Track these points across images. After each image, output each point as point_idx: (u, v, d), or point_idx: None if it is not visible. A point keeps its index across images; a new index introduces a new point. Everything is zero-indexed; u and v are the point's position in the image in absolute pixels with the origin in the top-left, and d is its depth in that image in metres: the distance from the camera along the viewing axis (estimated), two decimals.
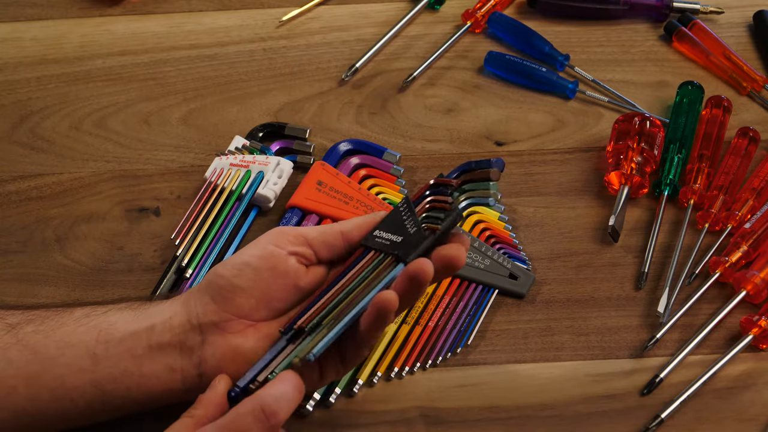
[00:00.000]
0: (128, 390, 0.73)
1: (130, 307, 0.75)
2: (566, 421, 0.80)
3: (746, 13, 1.09)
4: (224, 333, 0.73)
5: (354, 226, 0.77)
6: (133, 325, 0.74)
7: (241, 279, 0.73)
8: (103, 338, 0.73)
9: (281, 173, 0.94)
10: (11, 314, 0.75)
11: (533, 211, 0.93)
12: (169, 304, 0.75)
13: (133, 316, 0.74)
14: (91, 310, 0.75)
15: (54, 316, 0.75)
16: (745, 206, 0.91)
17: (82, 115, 1.01)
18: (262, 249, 0.75)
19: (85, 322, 0.74)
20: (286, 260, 0.74)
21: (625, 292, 0.88)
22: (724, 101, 0.98)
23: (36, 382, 0.72)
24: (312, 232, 0.76)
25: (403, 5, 1.10)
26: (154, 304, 0.75)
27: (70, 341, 0.73)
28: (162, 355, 0.73)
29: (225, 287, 0.74)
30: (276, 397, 0.68)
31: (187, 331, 0.73)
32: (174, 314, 0.74)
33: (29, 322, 0.74)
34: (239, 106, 1.01)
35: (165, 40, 1.07)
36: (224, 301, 0.73)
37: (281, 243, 0.75)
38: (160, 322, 0.74)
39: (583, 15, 1.08)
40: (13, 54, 1.06)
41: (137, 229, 0.92)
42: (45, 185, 0.96)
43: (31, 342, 0.73)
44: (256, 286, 0.74)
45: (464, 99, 1.02)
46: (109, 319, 0.74)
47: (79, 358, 0.72)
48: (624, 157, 0.93)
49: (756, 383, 0.82)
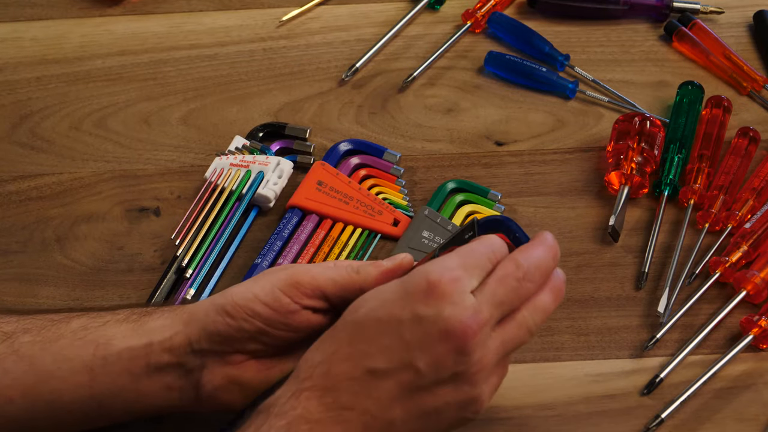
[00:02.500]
0: (126, 403, 0.73)
1: (128, 318, 0.74)
2: (566, 421, 0.80)
3: (746, 13, 1.09)
4: (225, 364, 0.72)
5: (374, 280, 0.72)
6: (132, 340, 0.72)
7: (250, 325, 0.71)
8: (101, 353, 0.72)
9: (281, 173, 0.94)
10: (6, 322, 0.74)
11: (533, 211, 0.93)
12: (169, 321, 0.73)
13: (131, 330, 0.73)
14: (89, 321, 0.73)
15: (50, 326, 0.73)
16: (745, 206, 0.91)
17: (82, 115, 1.01)
18: (275, 299, 0.71)
19: (82, 335, 0.72)
20: (299, 314, 0.72)
21: (625, 292, 0.88)
22: (724, 101, 0.98)
23: (32, 394, 0.71)
24: (331, 287, 0.72)
25: (403, 5, 1.10)
26: (154, 318, 0.73)
27: (66, 355, 0.72)
28: (160, 375, 0.72)
29: (232, 327, 0.71)
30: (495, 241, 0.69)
31: (188, 354, 0.72)
32: (175, 334, 0.72)
33: (25, 332, 0.73)
34: (239, 106, 1.01)
35: (165, 40, 1.07)
36: (229, 340, 0.72)
37: (297, 297, 0.72)
38: (159, 341, 0.72)
39: (583, 15, 1.08)
40: (13, 54, 1.06)
41: (137, 229, 0.92)
42: (45, 185, 0.96)
43: (27, 353, 0.72)
44: (263, 333, 0.72)
45: (464, 99, 1.02)
46: (107, 333, 0.72)
47: (76, 372, 0.71)
48: (624, 157, 0.93)
49: (756, 383, 0.82)
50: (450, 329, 0.64)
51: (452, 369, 0.65)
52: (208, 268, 0.89)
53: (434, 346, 0.64)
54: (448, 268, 0.65)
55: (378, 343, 0.65)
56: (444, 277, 0.65)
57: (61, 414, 0.72)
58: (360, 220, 0.91)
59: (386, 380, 0.65)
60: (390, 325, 0.65)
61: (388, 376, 0.65)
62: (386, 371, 0.65)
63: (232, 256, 0.90)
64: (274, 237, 0.90)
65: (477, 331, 0.65)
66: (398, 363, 0.65)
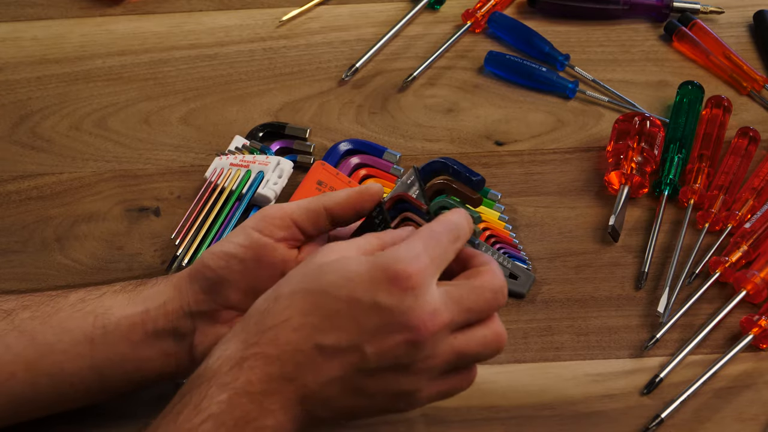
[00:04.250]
0: (126, 373, 0.74)
1: (124, 289, 0.75)
2: (566, 421, 0.80)
3: (746, 13, 1.09)
4: (214, 323, 0.74)
5: (335, 203, 0.74)
6: (129, 309, 0.74)
7: (228, 271, 0.73)
8: (100, 323, 0.73)
9: (281, 173, 0.94)
10: (5, 300, 0.75)
11: (533, 210, 0.93)
12: (162, 287, 0.75)
13: (127, 299, 0.74)
14: (86, 294, 0.75)
15: (49, 301, 0.75)
16: (745, 206, 0.91)
17: (82, 115, 1.01)
18: (248, 238, 0.73)
19: (80, 307, 0.74)
20: (274, 250, 0.73)
21: (625, 292, 0.88)
22: (724, 101, 0.98)
23: (35, 368, 0.72)
24: (297, 210, 0.74)
25: (403, 5, 1.10)
26: (148, 286, 0.75)
27: (67, 327, 0.73)
28: (158, 341, 0.74)
29: (212, 278, 0.73)
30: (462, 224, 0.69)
31: (180, 318, 0.74)
32: (168, 300, 0.74)
33: (24, 308, 0.74)
34: (239, 106, 1.01)
35: (165, 40, 1.07)
36: (212, 292, 0.73)
37: (268, 230, 0.73)
38: (155, 307, 0.74)
39: (583, 15, 1.08)
40: (13, 54, 1.06)
41: (137, 229, 0.92)
42: (45, 185, 0.96)
43: (27, 328, 0.73)
44: (242, 278, 0.73)
45: (464, 99, 1.02)
46: (105, 304, 0.74)
47: (77, 343, 0.73)
48: (624, 157, 0.93)
49: (756, 383, 0.82)
50: (406, 321, 0.64)
51: (399, 359, 0.65)
52: None
53: (388, 335, 0.65)
54: (415, 259, 0.65)
55: (332, 321, 0.65)
56: (410, 267, 0.65)
57: (63, 387, 0.73)
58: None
59: (332, 358, 0.65)
60: (348, 306, 0.65)
61: (336, 355, 0.65)
62: (334, 349, 0.65)
63: None
64: None
65: (433, 328, 0.65)
66: (347, 344, 0.65)
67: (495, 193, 0.93)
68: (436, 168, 0.84)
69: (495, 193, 0.93)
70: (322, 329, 0.65)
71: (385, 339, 0.65)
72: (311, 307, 0.65)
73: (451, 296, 0.66)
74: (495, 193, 0.93)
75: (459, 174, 0.84)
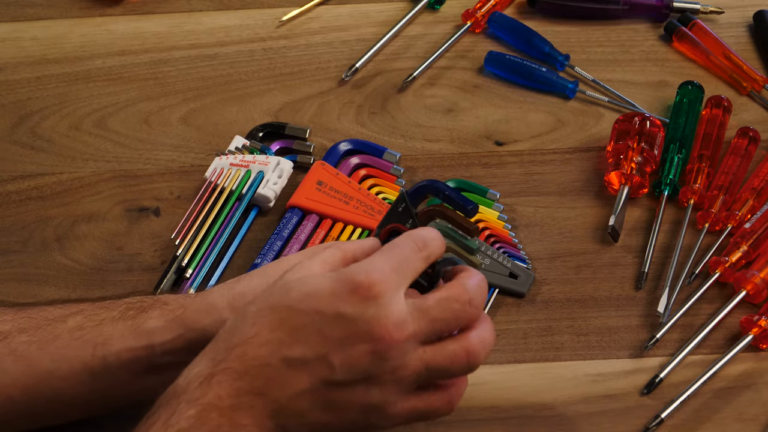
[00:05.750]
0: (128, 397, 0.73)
1: (124, 316, 0.73)
2: (566, 421, 0.80)
3: (746, 13, 1.09)
4: None
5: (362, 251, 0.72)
6: (131, 341, 0.72)
7: None
8: (99, 354, 0.72)
9: (281, 173, 0.94)
10: (1, 321, 0.74)
11: (533, 210, 0.93)
12: (168, 323, 0.73)
13: (128, 329, 0.73)
14: (85, 321, 0.73)
15: (46, 326, 0.73)
16: (745, 206, 0.91)
17: (81, 115, 1.01)
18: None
19: (79, 335, 0.72)
20: None
21: (625, 292, 0.88)
22: (724, 101, 0.98)
23: (33, 392, 0.71)
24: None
25: (403, 5, 1.10)
26: (150, 316, 0.73)
27: (65, 355, 0.72)
28: (161, 373, 0.72)
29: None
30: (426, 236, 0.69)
31: (188, 353, 0.71)
32: (176, 337, 0.72)
33: (21, 332, 0.73)
34: (239, 106, 1.01)
35: (165, 40, 1.07)
36: None
37: None
38: (160, 344, 0.72)
39: (583, 15, 1.08)
40: (13, 54, 1.06)
41: (137, 229, 0.92)
42: (45, 185, 0.96)
43: (25, 353, 0.72)
44: None
45: (464, 99, 1.02)
46: (104, 332, 0.72)
47: (76, 373, 0.72)
48: (624, 157, 0.93)
49: (756, 383, 0.82)
50: (370, 331, 0.64)
51: (367, 370, 0.65)
52: (208, 267, 0.89)
53: (353, 345, 0.64)
54: (376, 269, 0.65)
55: (298, 334, 0.65)
56: (371, 277, 0.65)
57: (63, 408, 0.73)
58: (360, 219, 0.91)
59: (300, 371, 0.65)
60: (313, 319, 0.65)
61: (303, 367, 0.65)
62: (301, 362, 0.65)
63: (231, 256, 0.90)
64: (274, 237, 0.90)
65: (398, 338, 0.65)
66: (314, 356, 0.65)
67: (494, 193, 0.93)
68: (423, 192, 0.83)
69: (494, 193, 0.93)
70: (289, 343, 0.65)
71: (350, 349, 0.65)
72: (277, 323, 0.65)
73: (418, 307, 0.66)
74: (494, 193, 0.93)
75: (451, 199, 0.82)
